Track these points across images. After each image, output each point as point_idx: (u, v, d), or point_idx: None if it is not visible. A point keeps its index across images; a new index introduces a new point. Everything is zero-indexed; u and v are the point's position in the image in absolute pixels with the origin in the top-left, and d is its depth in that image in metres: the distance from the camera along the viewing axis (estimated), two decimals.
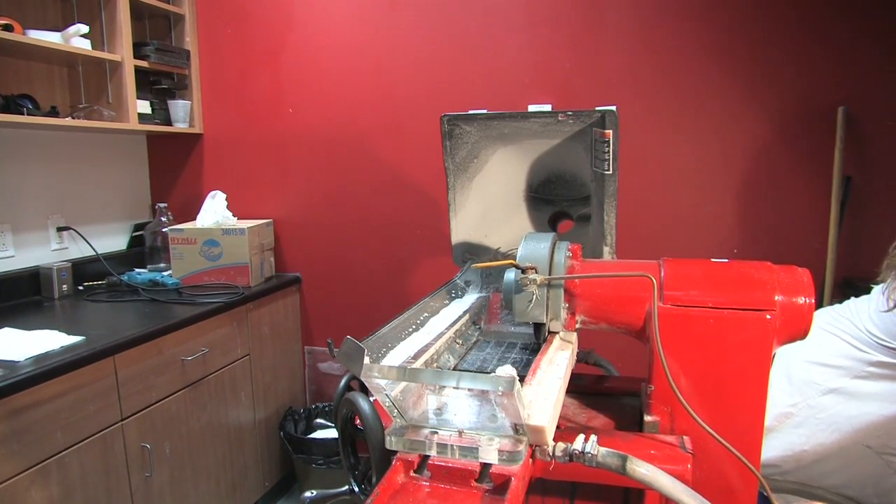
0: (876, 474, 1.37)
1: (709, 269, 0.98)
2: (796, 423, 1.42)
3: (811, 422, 1.41)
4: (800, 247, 2.23)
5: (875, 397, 1.34)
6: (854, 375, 1.36)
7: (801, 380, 1.44)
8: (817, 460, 1.40)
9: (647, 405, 0.95)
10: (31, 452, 1.59)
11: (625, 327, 1.00)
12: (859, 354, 1.36)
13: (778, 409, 1.44)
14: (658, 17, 2.26)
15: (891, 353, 1.31)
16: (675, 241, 2.33)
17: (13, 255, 2.25)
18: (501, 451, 0.70)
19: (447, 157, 1.25)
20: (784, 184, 2.23)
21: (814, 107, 2.17)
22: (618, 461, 0.72)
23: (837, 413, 1.38)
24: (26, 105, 2.09)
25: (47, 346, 1.71)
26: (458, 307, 1.17)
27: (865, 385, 1.35)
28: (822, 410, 1.39)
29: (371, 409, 0.84)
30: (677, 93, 2.28)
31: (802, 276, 0.94)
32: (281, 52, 2.62)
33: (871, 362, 1.34)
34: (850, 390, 1.37)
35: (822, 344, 1.43)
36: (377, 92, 2.55)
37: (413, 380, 0.72)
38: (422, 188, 2.53)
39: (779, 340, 0.92)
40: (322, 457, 2.45)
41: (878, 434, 1.34)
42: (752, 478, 0.89)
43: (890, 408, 1.32)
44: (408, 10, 2.48)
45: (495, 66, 2.42)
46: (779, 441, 1.44)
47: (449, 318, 1.09)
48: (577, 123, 1.14)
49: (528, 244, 0.99)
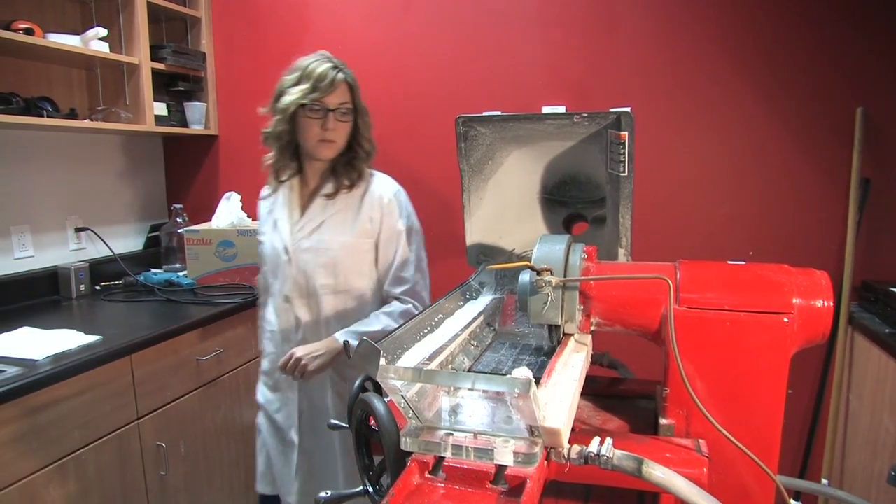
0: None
1: (725, 271, 0.97)
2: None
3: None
4: (817, 249, 2.21)
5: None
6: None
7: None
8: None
9: (662, 408, 0.95)
10: (49, 450, 1.61)
11: (640, 330, 0.99)
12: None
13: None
14: (671, 18, 2.25)
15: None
16: (690, 244, 2.32)
17: (32, 255, 2.29)
18: (517, 452, 0.70)
19: (462, 159, 1.25)
20: (801, 186, 2.21)
21: (831, 108, 2.14)
22: (633, 464, 0.72)
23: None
24: (46, 108, 2.12)
25: (65, 346, 1.73)
26: (473, 309, 1.17)
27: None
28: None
29: (386, 411, 0.84)
30: (692, 94, 2.27)
31: (821, 278, 0.93)
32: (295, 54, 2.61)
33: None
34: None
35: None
36: (391, 93, 2.56)
37: (429, 381, 0.72)
38: (435, 189, 2.54)
39: (796, 344, 0.91)
40: None
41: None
42: (769, 482, 0.88)
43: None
44: (421, 12, 2.48)
45: (509, 68, 2.42)
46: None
47: (464, 320, 1.09)
48: (593, 125, 1.14)
49: (543, 246, 0.99)
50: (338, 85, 1.56)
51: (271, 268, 1.71)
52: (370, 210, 1.65)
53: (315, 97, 1.53)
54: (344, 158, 1.65)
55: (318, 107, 1.54)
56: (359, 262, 1.66)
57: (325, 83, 1.53)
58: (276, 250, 1.68)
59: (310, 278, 1.65)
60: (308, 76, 1.54)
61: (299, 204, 1.69)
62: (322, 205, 1.66)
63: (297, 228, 1.67)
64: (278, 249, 1.68)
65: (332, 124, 1.56)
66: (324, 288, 1.65)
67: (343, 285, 1.66)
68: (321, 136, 1.57)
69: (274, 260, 1.70)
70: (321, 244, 1.64)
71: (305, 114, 1.55)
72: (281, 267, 1.68)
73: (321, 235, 1.65)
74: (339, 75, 1.56)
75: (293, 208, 1.69)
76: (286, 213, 1.69)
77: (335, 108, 1.56)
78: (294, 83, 1.56)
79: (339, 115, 1.57)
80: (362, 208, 1.66)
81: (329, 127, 1.55)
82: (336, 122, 1.56)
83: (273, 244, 1.70)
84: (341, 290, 1.66)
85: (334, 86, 1.55)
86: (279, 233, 1.68)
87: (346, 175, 1.65)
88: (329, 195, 1.65)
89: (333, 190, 1.65)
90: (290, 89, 1.55)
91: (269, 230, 1.72)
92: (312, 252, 1.65)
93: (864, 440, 1.98)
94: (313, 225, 1.66)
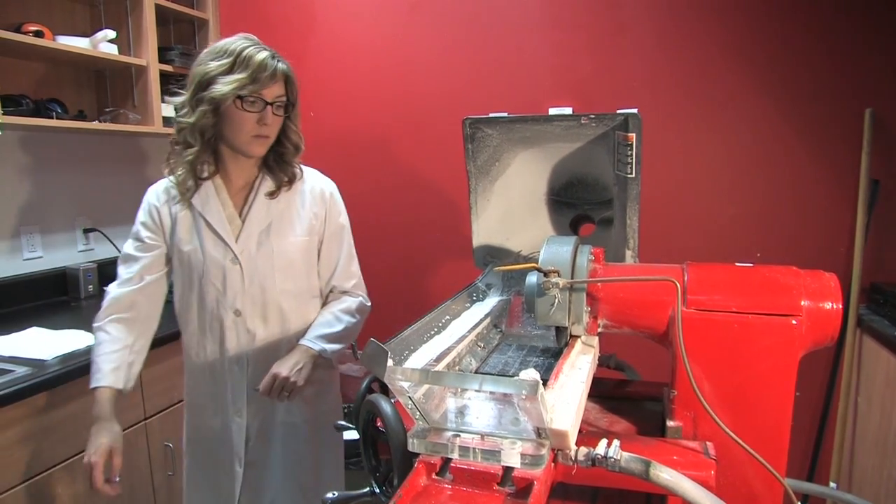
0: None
1: (733, 273, 0.97)
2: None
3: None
4: (825, 251, 2.20)
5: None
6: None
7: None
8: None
9: (669, 410, 0.94)
10: (58, 450, 1.62)
11: (647, 331, 0.99)
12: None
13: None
14: (677, 18, 2.24)
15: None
16: (697, 245, 2.31)
17: (41, 255, 2.30)
18: (524, 454, 0.70)
19: (469, 161, 1.25)
20: (808, 187, 2.20)
21: (840, 109, 2.13)
22: (641, 466, 0.72)
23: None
24: (55, 109, 2.14)
25: (74, 346, 1.74)
26: (480, 310, 1.17)
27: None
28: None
29: (393, 412, 0.84)
30: (699, 95, 2.26)
31: (829, 280, 0.93)
32: (302, 57, 2.64)
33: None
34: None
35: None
36: (397, 95, 2.56)
37: (436, 382, 0.72)
38: (442, 191, 2.54)
39: (805, 346, 0.90)
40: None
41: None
42: (777, 485, 0.88)
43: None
44: (428, 14, 2.49)
45: (515, 69, 2.42)
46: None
47: (470, 322, 1.09)
48: (600, 126, 1.14)
49: (550, 247, 0.99)
50: (278, 77, 1.39)
51: (206, 281, 1.47)
52: (313, 206, 1.54)
53: (254, 89, 1.35)
54: (273, 154, 1.50)
55: (254, 99, 1.36)
56: (311, 260, 1.55)
57: (265, 74, 1.36)
58: (216, 259, 1.46)
59: (266, 286, 1.49)
60: (245, 64, 1.35)
61: (233, 205, 1.50)
62: (265, 204, 1.49)
63: (243, 232, 1.47)
64: (219, 258, 1.46)
65: (270, 119, 1.39)
66: (284, 294, 1.51)
67: (302, 287, 1.54)
68: (256, 132, 1.39)
69: (212, 271, 1.47)
70: (275, 246, 1.49)
71: (241, 106, 1.36)
72: (226, 278, 1.46)
73: (272, 237, 1.49)
74: (279, 66, 1.39)
75: (228, 210, 1.49)
76: (222, 216, 1.47)
77: (272, 102, 1.39)
78: (226, 70, 1.35)
79: (276, 109, 1.40)
80: (305, 204, 1.53)
81: (267, 122, 1.39)
82: (273, 116, 1.40)
83: (210, 253, 1.46)
84: (301, 292, 1.54)
85: (275, 78, 1.38)
86: (217, 239, 1.46)
87: (283, 171, 1.51)
88: (271, 193, 1.50)
89: (275, 187, 1.50)
90: (223, 78, 1.34)
91: (192, 237, 1.47)
92: (266, 256, 1.48)
93: (874, 443, 1.97)
94: (261, 227, 1.48)
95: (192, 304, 1.50)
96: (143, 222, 1.50)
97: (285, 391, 1.40)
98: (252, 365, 1.51)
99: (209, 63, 1.37)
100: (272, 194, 1.50)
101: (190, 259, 1.47)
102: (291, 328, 1.53)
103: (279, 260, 1.49)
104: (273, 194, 1.50)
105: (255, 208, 1.48)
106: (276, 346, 1.52)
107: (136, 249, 1.49)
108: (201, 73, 1.37)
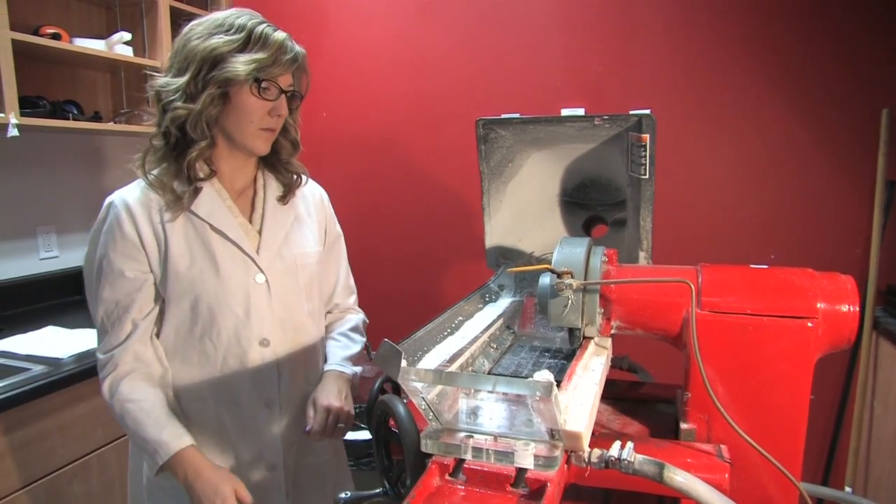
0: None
1: (748, 275, 0.96)
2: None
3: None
4: (840, 253, 2.18)
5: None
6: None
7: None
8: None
9: (683, 413, 0.94)
10: (73, 448, 1.64)
11: (661, 333, 0.98)
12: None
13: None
14: (689, 20, 2.23)
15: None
16: (710, 247, 2.30)
17: (57, 255, 2.33)
18: (537, 455, 0.70)
19: (482, 162, 1.25)
20: (823, 188, 2.18)
21: (856, 110, 2.11)
22: (655, 469, 0.71)
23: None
24: (72, 111, 2.16)
25: (89, 345, 1.76)
26: (492, 311, 1.17)
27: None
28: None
29: (406, 412, 0.84)
30: (711, 96, 2.25)
31: (846, 283, 0.92)
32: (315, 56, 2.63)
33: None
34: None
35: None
36: (410, 95, 2.57)
37: (450, 383, 0.72)
38: (455, 191, 2.54)
39: (821, 349, 0.90)
40: (353, 458, 2.46)
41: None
42: (792, 489, 0.87)
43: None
44: (441, 14, 2.49)
45: (527, 70, 2.42)
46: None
47: (483, 323, 1.09)
48: (613, 127, 1.13)
49: (563, 249, 0.98)
50: (299, 63, 1.19)
51: (222, 308, 1.18)
52: (316, 213, 1.36)
53: (273, 73, 1.14)
54: (272, 152, 1.26)
55: (268, 85, 1.14)
56: (322, 274, 1.36)
57: (287, 57, 1.15)
58: (237, 278, 1.19)
59: (293, 307, 1.27)
60: (262, 42, 1.12)
61: (241, 212, 1.25)
62: (278, 210, 1.27)
63: (262, 244, 1.23)
64: (240, 277, 1.19)
65: (284, 110, 1.18)
66: (309, 315, 1.30)
67: (319, 307, 1.34)
68: (266, 124, 1.17)
69: (232, 294, 1.19)
70: (298, 260, 1.28)
71: (257, 92, 1.13)
72: (250, 301, 1.20)
73: (292, 249, 1.27)
74: (298, 49, 1.19)
75: (238, 219, 1.23)
76: (239, 227, 1.21)
77: (286, 91, 1.18)
78: (238, 47, 1.11)
79: (290, 100, 1.20)
80: (310, 211, 1.35)
81: (281, 113, 1.17)
82: (286, 107, 1.19)
83: (228, 271, 1.18)
84: (318, 312, 1.34)
85: (296, 63, 1.18)
86: (237, 253, 1.20)
87: (288, 171, 1.30)
88: (282, 198, 1.29)
89: (286, 191, 1.29)
90: (235, 56, 1.10)
91: (197, 255, 1.18)
92: (290, 272, 1.26)
93: (890, 448, 1.95)
94: (279, 237, 1.26)
95: (195, 342, 1.19)
96: (119, 251, 1.14)
97: (340, 423, 1.19)
98: (282, 404, 1.25)
99: (212, 38, 1.11)
100: (283, 199, 1.29)
101: (195, 283, 1.17)
102: (311, 355, 1.32)
103: (302, 276, 1.28)
104: (284, 199, 1.29)
105: (269, 215, 1.25)
106: (303, 379, 1.30)
107: (118, 290, 1.15)
108: (206, 49, 1.10)
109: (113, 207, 1.16)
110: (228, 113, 1.15)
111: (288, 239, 1.27)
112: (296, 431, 1.27)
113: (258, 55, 1.11)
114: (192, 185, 1.16)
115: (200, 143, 1.14)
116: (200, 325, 1.19)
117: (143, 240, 1.15)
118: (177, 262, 1.16)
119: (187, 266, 1.17)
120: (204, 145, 1.15)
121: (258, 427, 1.24)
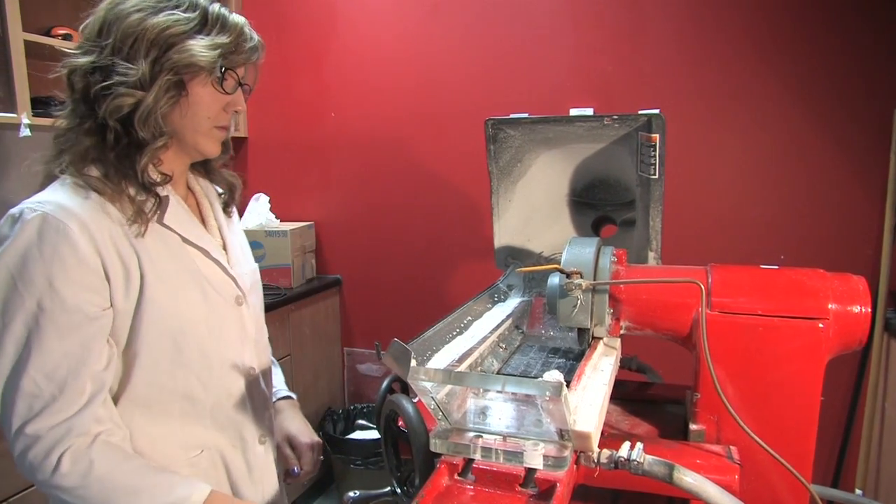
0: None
1: (758, 275, 0.96)
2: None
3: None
4: (851, 254, 2.17)
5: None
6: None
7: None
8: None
9: (692, 413, 0.94)
10: None
11: (670, 334, 0.98)
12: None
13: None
14: (698, 19, 2.23)
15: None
16: (720, 247, 2.29)
17: None
18: (546, 456, 0.70)
19: (491, 162, 1.25)
20: (834, 188, 2.17)
21: (868, 109, 2.10)
22: (664, 469, 0.71)
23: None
24: None
25: None
26: (501, 311, 1.17)
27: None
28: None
29: (415, 412, 0.84)
30: (721, 95, 2.24)
31: (858, 284, 0.92)
32: (324, 58, 2.66)
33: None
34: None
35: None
36: (419, 95, 2.57)
37: (459, 383, 0.72)
38: (463, 191, 2.54)
39: (832, 350, 0.89)
40: (360, 457, 2.47)
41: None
42: (803, 490, 0.86)
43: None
44: (450, 15, 2.49)
45: (536, 69, 2.42)
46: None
47: (492, 322, 1.09)
48: (623, 127, 1.13)
49: (572, 249, 0.98)
50: (259, 52, 1.01)
51: (205, 337, 0.97)
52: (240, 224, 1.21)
53: (234, 61, 0.95)
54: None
55: (228, 76, 0.95)
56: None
57: (249, 45, 0.97)
58: (219, 301, 1.01)
59: (262, 328, 1.13)
60: (219, 24, 0.93)
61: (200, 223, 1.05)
62: (230, 221, 1.12)
63: (233, 261, 1.06)
64: (223, 298, 1.01)
65: (242, 105, 0.99)
66: (267, 335, 1.17)
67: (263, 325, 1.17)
68: (222, 121, 0.98)
69: (217, 318, 1.00)
70: (256, 275, 1.13)
71: (218, 83, 0.94)
72: (227, 323, 1.02)
73: (251, 264, 1.13)
74: (258, 38, 1.01)
75: (202, 230, 1.04)
76: (212, 241, 1.03)
77: (243, 84, 0.99)
78: (195, 28, 0.90)
79: (245, 94, 1.02)
80: (239, 221, 1.20)
81: (238, 108, 0.99)
82: (244, 103, 1.01)
83: (211, 293, 0.99)
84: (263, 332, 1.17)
85: (256, 53, 1.00)
86: (217, 271, 1.01)
87: (227, 179, 1.14)
88: (226, 207, 1.13)
89: (229, 199, 1.13)
90: (194, 38, 0.90)
91: (170, 276, 0.94)
92: (256, 291, 1.12)
93: None
94: (240, 253, 1.10)
95: (178, 388, 0.96)
96: (73, 280, 0.84)
97: (321, 456, 1.14)
98: (273, 440, 1.13)
99: (160, 14, 0.88)
100: (227, 208, 1.12)
101: (181, 313, 0.94)
102: (266, 380, 1.13)
103: (260, 293, 1.14)
104: (227, 207, 1.12)
105: (225, 227, 1.09)
106: (277, 408, 1.19)
107: (71, 337, 0.85)
108: (156, 26, 0.88)
109: (52, 222, 0.85)
110: (181, 106, 0.92)
111: (245, 252, 1.13)
112: (279, 468, 1.15)
113: (219, 39, 0.92)
114: (148, 191, 0.92)
115: (156, 143, 0.91)
116: (186, 366, 0.95)
117: (104, 263, 0.87)
118: (153, 289, 0.91)
119: (169, 293, 0.93)
120: (160, 145, 0.92)
121: (259, 472, 1.08)
